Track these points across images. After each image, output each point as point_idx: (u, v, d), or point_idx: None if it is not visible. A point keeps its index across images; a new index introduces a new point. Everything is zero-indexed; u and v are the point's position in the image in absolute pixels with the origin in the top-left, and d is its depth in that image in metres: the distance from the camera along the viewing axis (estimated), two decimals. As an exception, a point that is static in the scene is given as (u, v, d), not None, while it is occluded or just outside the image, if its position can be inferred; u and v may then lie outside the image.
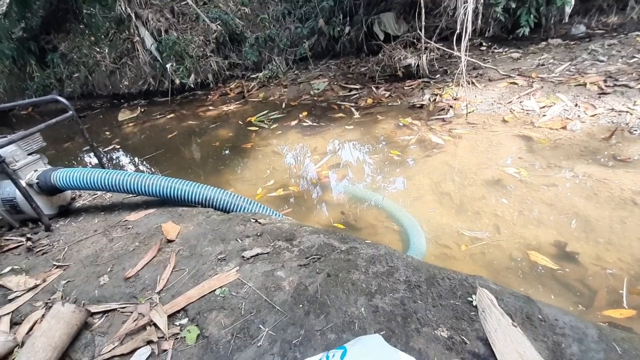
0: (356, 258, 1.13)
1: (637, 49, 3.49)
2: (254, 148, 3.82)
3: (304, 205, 2.73)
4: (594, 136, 2.63)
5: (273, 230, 1.41)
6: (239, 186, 3.15)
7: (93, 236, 1.74)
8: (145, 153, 4.49)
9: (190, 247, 1.45)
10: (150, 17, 6.18)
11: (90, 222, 1.89)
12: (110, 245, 1.63)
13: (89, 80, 8.99)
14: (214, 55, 6.37)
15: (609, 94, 2.93)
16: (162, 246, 1.50)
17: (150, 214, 1.82)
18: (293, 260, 1.20)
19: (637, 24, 4.22)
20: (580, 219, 2.02)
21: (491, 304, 0.83)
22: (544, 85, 3.29)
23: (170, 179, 1.77)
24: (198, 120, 5.34)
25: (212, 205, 1.76)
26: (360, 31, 5.35)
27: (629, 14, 4.31)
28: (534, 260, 1.80)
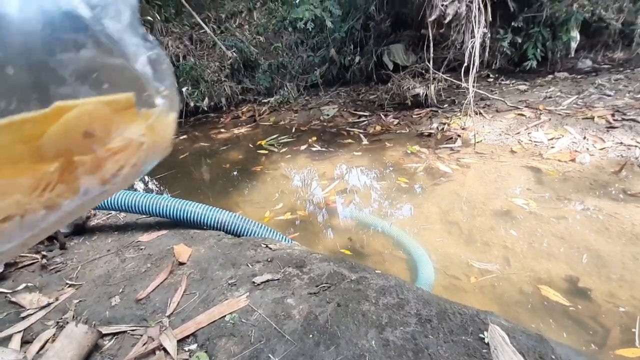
0: (366, 288, 1.14)
1: (644, 84, 3.54)
2: (263, 171, 3.89)
3: (311, 230, 2.74)
4: (604, 169, 2.64)
5: (283, 257, 1.43)
6: (247, 208, 3.18)
7: (106, 256, 1.78)
8: (157, 173, 4.59)
9: (201, 271, 1.47)
10: (170, 44, 6.49)
11: (104, 242, 1.93)
12: (122, 265, 1.66)
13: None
14: (228, 80, 6.61)
15: (617, 127, 2.95)
16: (174, 268, 1.52)
17: (163, 235, 1.85)
18: (303, 288, 1.21)
19: (643, 60, 4.31)
20: (591, 253, 1.99)
21: (503, 341, 0.83)
22: (552, 118, 3.34)
23: (182, 202, 1.82)
24: (209, 142, 5.48)
25: (224, 229, 1.79)
26: (370, 61, 5.54)
27: (634, 50, 4.41)
28: (545, 295, 1.77)
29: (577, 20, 4.15)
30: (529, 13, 4.47)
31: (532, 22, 4.49)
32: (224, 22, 7.34)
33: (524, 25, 4.52)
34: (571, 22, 4.18)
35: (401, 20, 5.33)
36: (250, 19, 7.35)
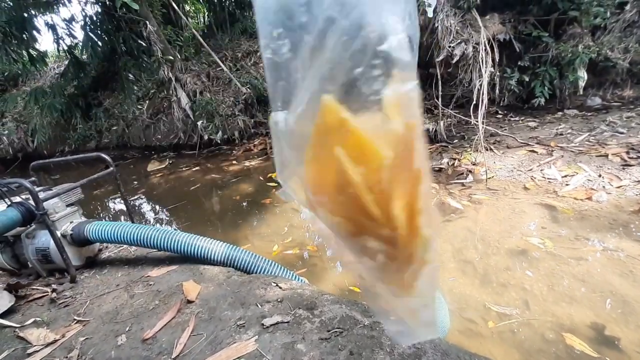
0: (380, 335, 1.09)
1: (657, 122, 3.53)
2: (272, 204, 3.91)
3: (320, 265, 2.69)
4: (623, 208, 2.56)
5: (294, 297, 1.39)
6: (256, 242, 3.16)
7: (115, 291, 1.76)
8: (168, 203, 4.66)
9: (210, 310, 1.44)
10: (189, 81, 6.84)
11: (114, 276, 1.92)
12: (130, 301, 1.64)
13: (126, 132, 9.73)
14: (241, 114, 6.84)
15: (633, 165, 2.91)
16: (182, 307, 1.50)
17: (172, 270, 1.84)
18: (314, 333, 1.17)
19: (653, 98, 4.33)
20: (616, 298, 1.89)
21: (529, 402, 0.77)
22: (564, 155, 3.32)
23: (193, 237, 1.82)
24: (221, 174, 5.58)
25: (233, 265, 1.77)
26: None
27: (643, 88, 4.44)
28: (570, 344, 1.67)
29: (583, 60, 4.24)
30: (534, 53, 4.60)
31: (539, 62, 4.61)
32: (239, 61, 7.74)
33: (531, 64, 4.64)
34: (577, 62, 4.27)
35: (409, 59, 5.53)
36: (264, 58, 7.73)
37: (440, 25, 3.81)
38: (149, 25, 6.58)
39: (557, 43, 4.43)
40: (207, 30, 9.29)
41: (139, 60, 7.50)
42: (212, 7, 8.73)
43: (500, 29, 4.44)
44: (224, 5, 8.42)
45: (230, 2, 8.51)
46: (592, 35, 4.49)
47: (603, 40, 4.43)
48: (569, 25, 4.46)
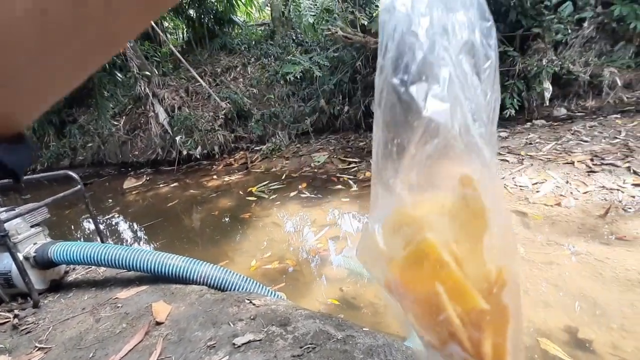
0: (353, 349, 1.07)
1: (618, 131, 3.73)
2: (252, 218, 3.85)
3: (301, 280, 2.65)
4: (590, 213, 2.67)
5: (267, 314, 1.35)
6: (236, 257, 3.09)
7: (80, 315, 1.66)
8: (145, 221, 4.51)
9: (180, 331, 1.38)
10: (167, 96, 6.76)
11: (80, 299, 1.82)
12: (96, 326, 1.55)
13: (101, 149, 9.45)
14: (221, 129, 6.80)
15: (597, 172, 3.05)
16: (150, 329, 1.43)
17: (142, 291, 1.76)
18: (286, 350, 1.13)
19: (614, 107, 4.59)
20: (588, 301, 1.94)
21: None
22: (534, 163, 3.45)
23: (164, 255, 1.76)
24: (200, 189, 5.47)
25: (207, 283, 1.72)
26: (358, 110, 5.80)
27: (604, 99, 4.71)
28: (544, 348, 1.69)
29: (547, 73, 4.48)
30: (503, 67, 4.82)
31: (507, 75, 4.83)
32: (219, 76, 7.74)
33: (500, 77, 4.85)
34: (542, 75, 4.50)
35: (386, 73, 5.68)
36: (244, 73, 7.77)
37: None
38: (125, 41, 6.52)
39: (523, 58, 4.66)
40: (186, 46, 9.28)
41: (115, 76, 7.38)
42: (191, 23, 8.75)
43: (470, 45, 4.63)
44: (202, 22, 8.46)
45: (209, 18, 8.56)
46: (555, 50, 4.76)
47: (565, 54, 4.71)
48: (533, 40, 4.72)
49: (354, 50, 5.58)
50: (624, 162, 3.08)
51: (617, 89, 4.65)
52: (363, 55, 5.52)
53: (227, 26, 8.80)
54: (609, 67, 4.59)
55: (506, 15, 4.53)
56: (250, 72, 7.68)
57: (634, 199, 2.67)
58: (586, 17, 4.38)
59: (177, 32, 10.70)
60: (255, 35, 8.52)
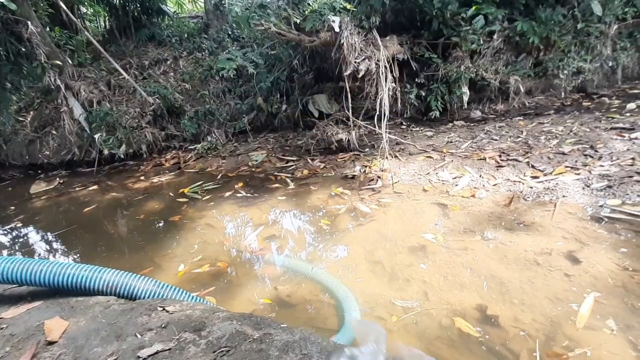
0: (269, 347, 1.03)
1: (521, 130, 4.26)
2: (182, 221, 3.60)
3: (235, 282, 2.53)
4: (498, 203, 2.99)
5: (181, 320, 1.24)
6: (163, 263, 2.85)
7: (-55, 344, 1.36)
8: (55, 230, 3.95)
9: (76, 349, 1.20)
10: (83, 89, 6.03)
11: (-52, 325, 1.50)
12: (-33, 354, 1.28)
13: (3, 149, 8.10)
14: (149, 127, 6.27)
15: (504, 166, 3.44)
16: (39, 350, 1.22)
17: (34, 307, 1.51)
18: (198, 356, 1.04)
19: (519, 110, 5.25)
20: (495, 280, 2.15)
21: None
22: (454, 159, 3.77)
23: (61, 264, 1.53)
24: (125, 192, 4.98)
25: (116, 293, 1.53)
26: (296, 109, 5.79)
27: (511, 103, 5.35)
28: (458, 327, 1.83)
29: (465, 78, 4.95)
30: (428, 72, 5.21)
31: (432, 79, 5.22)
32: (147, 69, 7.14)
33: (426, 81, 5.23)
34: (461, 80, 4.96)
35: (323, 73, 5.77)
36: (176, 67, 7.28)
37: (346, 42, 4.06)
38: (30, 26, 5.66)
39: (444, 64, 5.08)
40: (109, 35, 8.41)
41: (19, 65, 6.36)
42: (114, 10, 7.94)
43: (399, 50, 4.92)
44: (127, 10, 7.73)
45: (135, 6, 7.84)
46: (471, 59, 5.28)
47: (479, 62, 5.24)
48: (453, 49, 5.17)
49: (290, 49, 5.56)
50: (525, 157, 3.52)
51: (520, 95, 5.32)
52: (300, 54, 5.52)
53: (155, 16, 8.16)
54: (514, 76, 5.22)
55: (430, 24, 4.89)
56: (182, 66, 7.22)
57: (532, 190, 3.06)
58: (495, 30, 4.93)
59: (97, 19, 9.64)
60: (188, 28, 8.04)
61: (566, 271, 2.14)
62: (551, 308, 1.91)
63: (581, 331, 1.73)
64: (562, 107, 5.21)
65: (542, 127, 4.31)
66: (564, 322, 1.81)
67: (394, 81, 4.30)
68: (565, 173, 3.15)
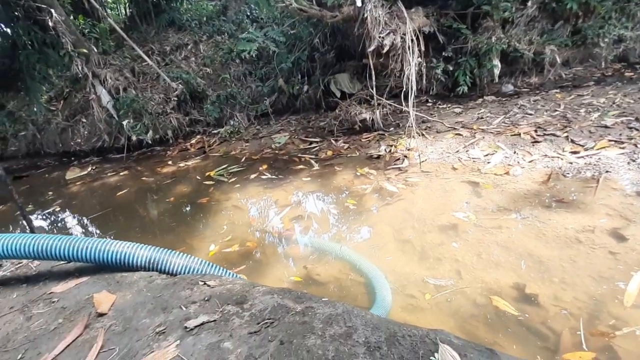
0: (312, 319, 1.03)
1: (558, 104, 4.01)
2: (210, 203, 3.68)
3: (264, 261, 2.58)
4: (534, 180, 2.85)
5: (223, 293, 1.27)
6: (194, 243, 2.94)
7: (7, 315, 1.47)
8: (91, 213, 4.15)
9: (125, 320, 1.26)
10: (109, 76, 6.17)
11: (7, 298, 1.61)
12: (27, 324, 1.38)
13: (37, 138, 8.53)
14: (174, 112, 6.37)
15: (540, 142, 3.26)
16: (91, 322, 1.29)
17: (82, 283, 1.59)
18: (243, 328, 1.07)
19: (554, 83, 4.92)
20: (533, 259, 2.07)
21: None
22: (485, 136, 3.61)
23: (105, 241, 1.60)
24: (154, 177, 5.13)
25: (157, 269, 1.59)
26: (318, 89, 5.69)
27: (546, 75, 5.02)
28: (496, 305, 1.78)
29: (496, 50, 4.66)
30: (456, 44, 4.95)
31: (460, 53, 4.96)
32: (168, 55, 7.20)
33: (454, 55, 4.98)
34: (492, 52, 4.68)
35: (344, 51, 5.61)
36: (196, 52, 7.29)
37: (370, 16, 3.89)
38: (54, 14, 5.78)
39: (474, 35, 4.80)
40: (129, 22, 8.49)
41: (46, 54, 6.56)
42: (133, -4, 7.98)
43: (424, 22, 4.68)
44: (146, -5, 7.75)
45: (154, -9, 7.85)
46: (503, 28, 4.95)
47: (511, 32, 4.92)
48: (483, 18, 4.87)
49: (310, 26, 5.41)
50: (563, 132, 3.31)
51: (556, 66, 4.98)
52: (321, 32, 5.38)
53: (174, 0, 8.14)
54: (550, 46, 4.87)
55: (458, -8, 4.61)
56: (202, 50, 7.22)
57: (571, 165, 2.89)
58: (530, -4, 4.58)
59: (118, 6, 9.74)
60: (206, 11, 7.98)
61: (611, 249, 2.03)
62: (595, 287, 1.83)
63: (629, 310, 1.65)
64: (602, 77, 4.83)
65: (581, 99, 4.03)
66: (609, 301, 1.73)
67: (420, 56, 4.11)
68: (608, 147, 2.95)
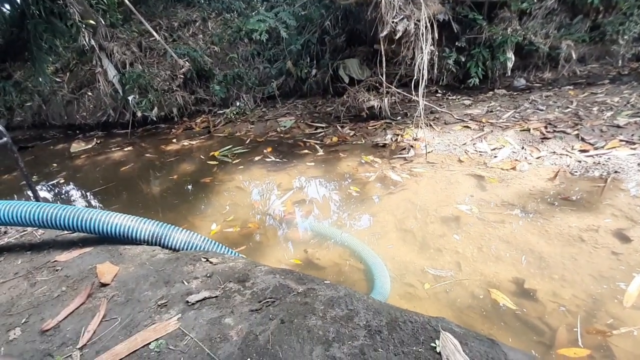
0: (314, 301, 1.04)
1: (570, 101, 3.93)
2: (213, 182, 3.68)
3: (264, 242, 2.60)
4: (541, 176, 2.82)
5: (225, 271, 1.28)
6: (196, 222, 2.96)
7: (11, 280, 1.49)
8: (95, 187, 4.17)
9: (128, 292, 1.27)
10: (116, 50, 6.08)
11: (12, 264, 1.63)
12: (31, 290, 1.40)
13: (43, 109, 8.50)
14: (180, 90, 6.31)
15: (550, 138, 3.21)
16: (94, 291, 1.31)
17: (86, 253, 1.61)
18: (244, 305, 1.08)
19: (568, 79, 4.81)
20: (534, 255, 2.07)
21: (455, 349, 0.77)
22: (494, 130, 3.56)
23: (109, 213, 1.60)
24: (158, 154, 5.13)
25: (160, 243, 1.60)
26: (326, 74, 5.60)
27: (560, 71, 4.91)
28: (494, 298, 1.79)
29: (511, 42, 4.54)
30: (470, 35, 4.82)
31: (474, 43, 4.84)
32: (176, 31, 7.07)
33: (467, 45, 4.86)
34: (506, 45, 4.56)
35: (355, 35, 5.48)
36: (204, 29, 7.16)
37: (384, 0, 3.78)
38: (62, -17, 5.66)
39: (489, 25, 4.67)
40: (138, -5, 8.30)
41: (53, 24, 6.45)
42: (142, -32, 7.78)
43: (440, 9, 4.55)
44: (156, -32, 7.56)
45: (163, -36, 7.64)
46: (520, 20, 4.81)
47: (528, 25, 4.78)
48: (500, 9, 4.72)
49: (322, 8, 5.28)
50: (574, 129, 3.26)
51: (571, 62, 4.86)
52: (332, 14, 5.25)
53: (184, -25, 7.93)
54: (567, 40, 4.74)
55: (476, -20, 4.46)
56: (211, 27, 7.08)
57: (580, 164, 2.85)
58: (551, -13, 4.43)
59: (126, -22, 9.50)
60: (216, -13, 7.78)
61: (614, 249, 2.02)
62: (595, 285, 1.83)
63: (628, 310, 1.65)
64: (618, 76, 4.72)
65: (594, 97, 3.95)
66: (609, 301, 1.74)
67: (433, 44, 4.01)
68: (619, 147, 2.90)
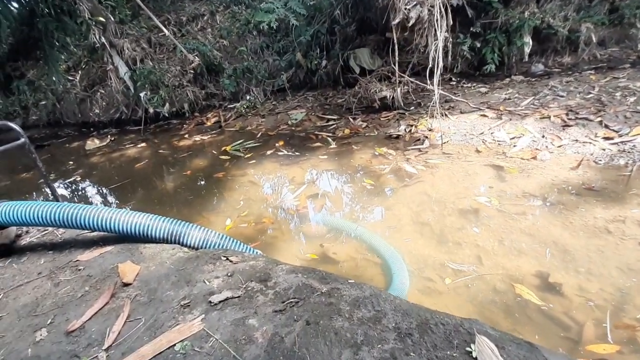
0: (339, 301, 1.02)
1: (592, 86, 3.76)
2: (226, 177, 3.69)
3: (279, 237, 2.59)
4: (563, 165, 2.72)
5: (246, 270, 1.27)
6: (210, 217, 2.97)
7: (36, 280, 1.52)
8: (111, 183, 4.23)
9: (150, 291, 1.27)
10: (126, 47, 6.10)
11: (35, 264, 1.66)
12: (55, 290, 1.42)
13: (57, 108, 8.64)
14: (190, 85, 6.31)
15: (571, 126, 3.09)
16: (116, 291, 1.31)
17: (107, 252, 1.62)
18: (267, 305, 1.06)
19: (589, 64, 4.61)
20: (558, 248, 2.01)
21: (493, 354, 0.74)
22: (512, 118, 3.45)
23: (129, 213, 1.61)
24: (171, 150, 5.16)
25: (179, 242, 1.60)
26: (336, 65, 5.50)
27: (580, 55, 4.71)
28: (518, 293, 1.75)
29: (529, 26, 4.36)
30: (485, 19, 4.65)
31: (489, 28, 4.67)
32: (184, 25, 7.05)
33: (482, 30, 4.69)
34: (524, 29, 4.38)
35: (366, 24, 5.36)
36: (213, 23, 7.11)
37: (396, -14, 3.66)
38: (70, -20, 5.68)
39: (505, 9, 4.49)
40: (145, -9, 8.28)
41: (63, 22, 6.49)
42: (149, -37, 7.73)
43: (454, -7, 4.39)
44: (162, -38, 7.51)
45: (169, -42, 7.59)
46: (537, 3, 4.62)
47: (546, 7, 4.58)
48: (517, -9, 4.53)
49: (332, -3, 5.17)
50: (597, 116, 3.13)
51: (591, 46, 4.65)
52: (342, 3, 5.13)
53: (190, -32, 7.86)
54: (586, 23, 4.53)
55: (492, -38, 4.28)
56: (219, 21, 7.03)
57: (604, 152, 2.74)
58: (571, -34, 4.22)
59: (132, -27, 9.49)
60: (223, -21, 7.69)
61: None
62: (623, 279, 1.77)
63: (660, 305, 1.58)
64: (638, 60, 4.50)
65: (617, 82, 3.77)
66: (638, 294, 1.67)
67: (447, 30, 3.88)
68: (646, 134, 2.77)
